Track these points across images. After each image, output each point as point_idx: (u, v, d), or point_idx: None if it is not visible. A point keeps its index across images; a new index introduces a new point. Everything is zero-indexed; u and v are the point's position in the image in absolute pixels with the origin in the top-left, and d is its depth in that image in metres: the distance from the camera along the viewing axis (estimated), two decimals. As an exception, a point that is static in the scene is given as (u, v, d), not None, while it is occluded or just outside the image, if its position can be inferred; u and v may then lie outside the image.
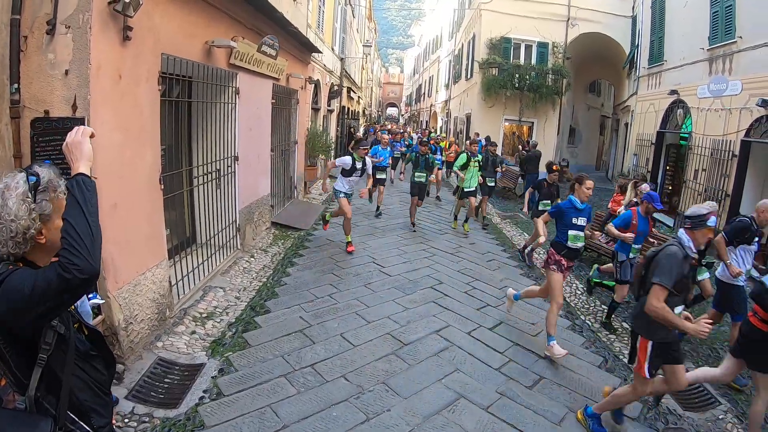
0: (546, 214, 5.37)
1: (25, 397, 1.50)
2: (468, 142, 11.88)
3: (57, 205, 1.54)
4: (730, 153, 8.81)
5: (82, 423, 1.61)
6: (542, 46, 17.46)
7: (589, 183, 4.76)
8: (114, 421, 1.95)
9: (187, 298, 5.09)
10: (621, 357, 4.88)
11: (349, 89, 21.42)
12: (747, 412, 4.02)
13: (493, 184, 10.52)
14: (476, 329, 5.19)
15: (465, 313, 5.56)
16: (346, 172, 7.71)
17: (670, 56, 12.18)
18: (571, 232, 4.71)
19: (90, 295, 3.29)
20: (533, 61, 17.58)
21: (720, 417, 3.97)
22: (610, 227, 5.48)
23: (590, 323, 5.65)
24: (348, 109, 22.79)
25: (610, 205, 8.58)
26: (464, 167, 9.27)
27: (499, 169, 10.71)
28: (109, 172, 3.59)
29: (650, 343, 3.28)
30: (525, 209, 8.44)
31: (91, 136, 1.62)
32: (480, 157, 9.69)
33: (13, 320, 1.40)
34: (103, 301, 3.53)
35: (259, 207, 7.80)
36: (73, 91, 3.28)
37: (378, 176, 10.25)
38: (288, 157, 10.31)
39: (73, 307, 1.73)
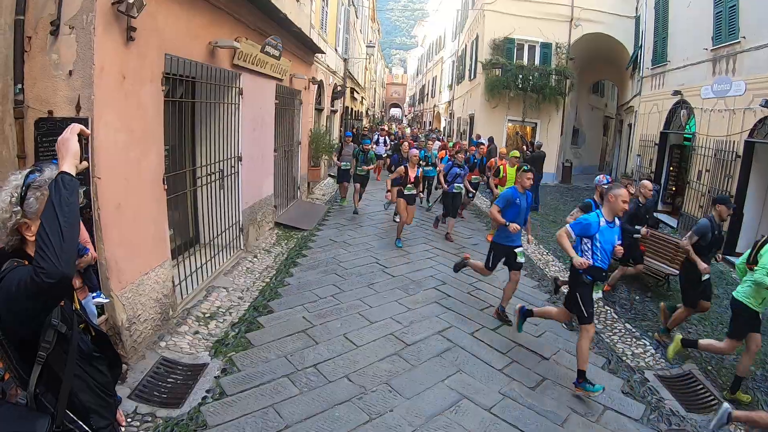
0: None
1: (26, 393, 1.51)
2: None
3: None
4: (734, 154, 8.76)
5: (81, 423, 1.61)
6: (545, 46, 17.43)
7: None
8: (122, 421, 1.95)
9: (190, 298, 5.10)
10: (624, 358, 4.87)
11: (353, 90, 21.42)
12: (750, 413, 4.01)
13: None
14: (479, 330, 5.18)
15: (468, 314, 5.56)
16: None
17: (674, 57, 12.14)
18: None
19: (94, 294, 3.30)
20: (536, 61, 17.55)
21: (724, 419, 3.95)
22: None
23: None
24: (351, 109, 22.81)
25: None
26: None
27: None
28: (113, 172, 3.60)
29: None
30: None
31: (82, 134, 1.61)
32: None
33: (10, 317, 1.43)
34: (108, 300, 3.54)
35: (263, 207, 7.81)
36: (77, 91, 3.30)
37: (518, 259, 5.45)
38: (291, 157, 10.32)
39: (78, 306, 1.73)
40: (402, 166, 8.16)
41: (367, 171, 10.33)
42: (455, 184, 8.65)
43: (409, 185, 8.01)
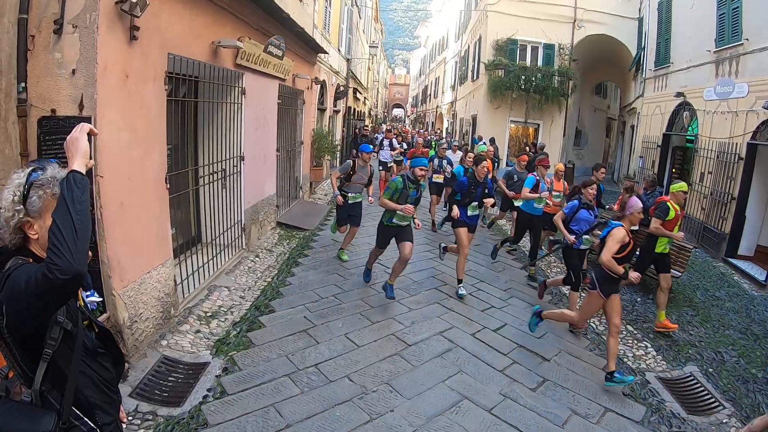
0: None
1: (31, 390, 1.51)
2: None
3: (49, 204, 1.54)
4: (737, 156, 8.74)
5: (86, 419, 1.61)
6: (548, 47, 17.39)
7: None
8: (123, 418, 1.95)
9: (191, 297, 5.11)
10: (625, 360, 4.86)
11: (355, 90, 21.43)
12: (751, 416, 4.00)
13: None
14: (480, 330, 5.18)
15: (469, 315, 5.55)
16: None
17: (677, 58, 12.12)
18: None
19: (87, 293, 3.31)
20: (539, 62, 17.51)
21: (724, 421, 3.95)
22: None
23: (594, 326, 5.63)
24: (354, 109, 22.80)
25: (615, 207, 8.50)
26: None
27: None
28: (116, 171, 3.61)
29: None
30: None
31: (91, 133, 1.63)
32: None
33: (14, 314, 1.43)
34: (101, 299, 3.55)
35: (265, 207, 7.82)
36: (80, 90, 3.31)
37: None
38: (294, 157, 10.33)
39: (82, 303, 1.74)
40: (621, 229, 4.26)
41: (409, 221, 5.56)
42: (584, 237, 5.42)
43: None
